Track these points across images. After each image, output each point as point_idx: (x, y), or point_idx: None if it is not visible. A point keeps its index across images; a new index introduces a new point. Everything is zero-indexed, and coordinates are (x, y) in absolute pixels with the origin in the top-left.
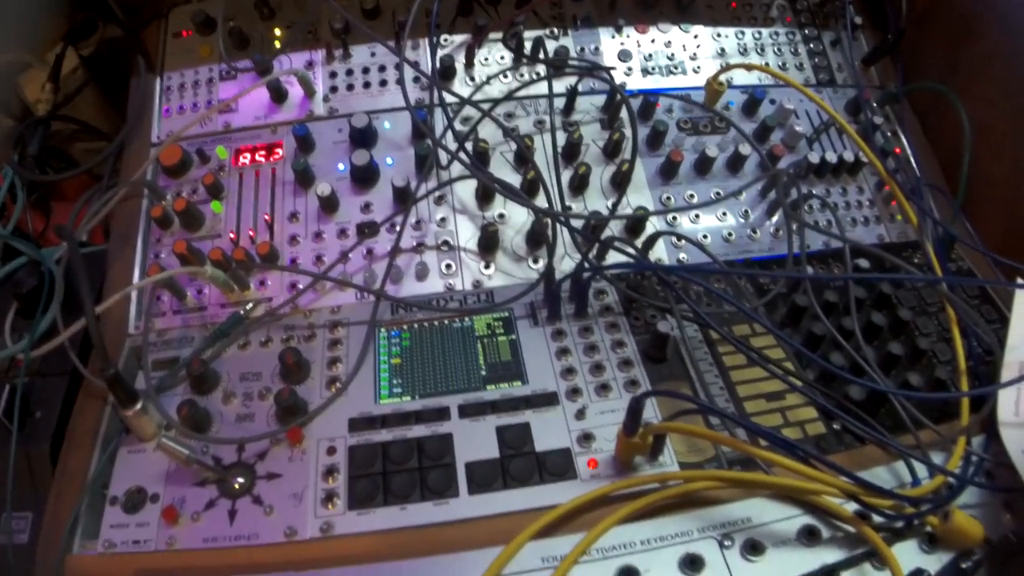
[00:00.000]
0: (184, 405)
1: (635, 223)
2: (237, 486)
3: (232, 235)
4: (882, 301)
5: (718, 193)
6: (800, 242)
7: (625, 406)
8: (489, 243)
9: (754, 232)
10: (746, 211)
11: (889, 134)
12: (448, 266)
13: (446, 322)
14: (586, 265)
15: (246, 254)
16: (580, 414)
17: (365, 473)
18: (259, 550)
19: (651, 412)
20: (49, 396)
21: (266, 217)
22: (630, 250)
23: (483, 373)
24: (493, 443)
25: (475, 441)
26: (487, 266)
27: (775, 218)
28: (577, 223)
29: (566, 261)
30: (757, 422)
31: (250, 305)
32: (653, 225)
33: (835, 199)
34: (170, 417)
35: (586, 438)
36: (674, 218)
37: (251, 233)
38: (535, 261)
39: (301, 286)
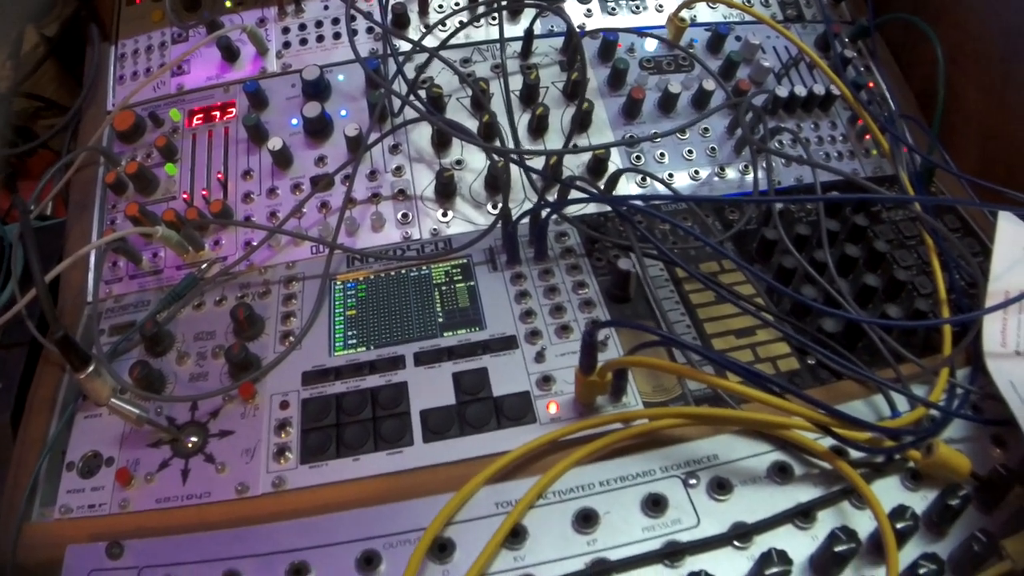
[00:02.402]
0: (136, 366)
1: (597, 164)
2: (190, 445)
3: (185, 196)
4: (856, 234)
5: (682, 132)
6: (767, 172)
7: None
8: (446, 189)
9: (722, 170)
10: (713, 148)
11: (862, 68)
12: (405, 215)
13: (403, 271)
14: (543, 203)
15: (199, 213)
16: (539, 356)
17: (317, 426)
18: (210, 508)
19: (614, 351)
20: (9, 367)
21: (219, 176)
22: (592, 190)
23: (440, 320)
24: (449, 390)
25: (431, 388)
26: (445, 214)
27: (744, 155)
28: (535, 166)
29: (527, 206)
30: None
31: (204, 265)
32: (616, 165)
33: (807, 135)
34: (122, 380)
35: (546, 380)
36: (638, 157)
37: (204, 193)
38: (494, 207)
39: (255, 243)
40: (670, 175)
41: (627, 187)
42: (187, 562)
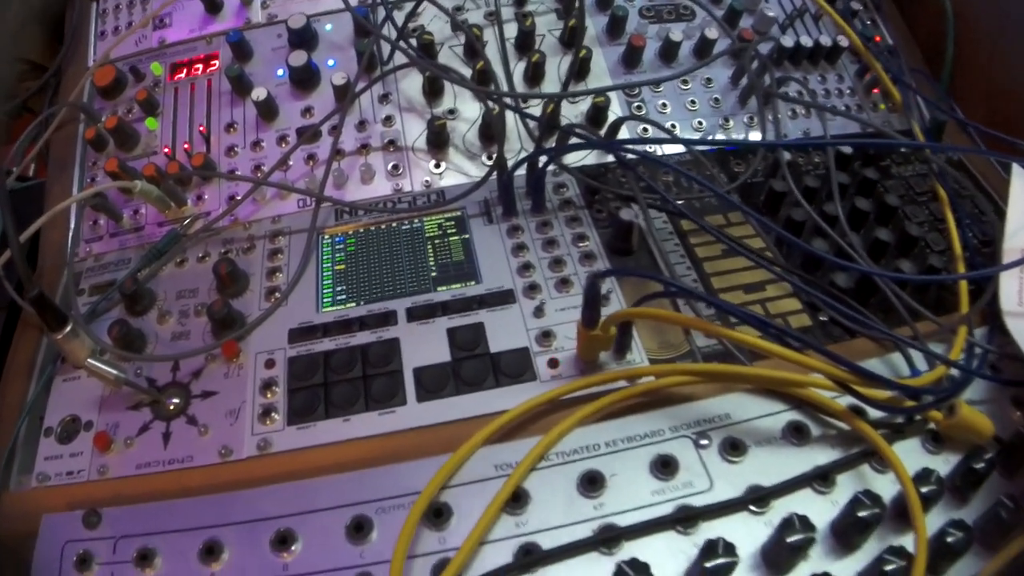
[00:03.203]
0: (115, 325)
1: (596, 113)
2: (172, 407)
3: (167, 150)
4: (866, 187)
5: (685, 81)
6: (774, 122)
7: None
8: (438, 139)
9: (726, 121)
10: (716, 99)
11: (868, 22)
12: (395, 167)
13: (394, 225)
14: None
15: (180, 167)
16: (538, 311)
17: (305, 385)
18: (193, 472)
19: (617, 306)
20: None
21: (201, 129)
22: (591, 137)
23: (434, 275)
24: (444, 346)
25: (424, 345)
26: (437, 165)
27: (749, 106)
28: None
29: (520, 153)
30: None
31: (187, 221)
32: (615, 115)
33: (813, 87)
34: (100, 340)
35: (545, 336)
36: (639, 107)
37: (186, 147)
38: (489, 157)
39: (239, 197)
40: (672, 126)
41: (627, 136)
42: (166, 531)
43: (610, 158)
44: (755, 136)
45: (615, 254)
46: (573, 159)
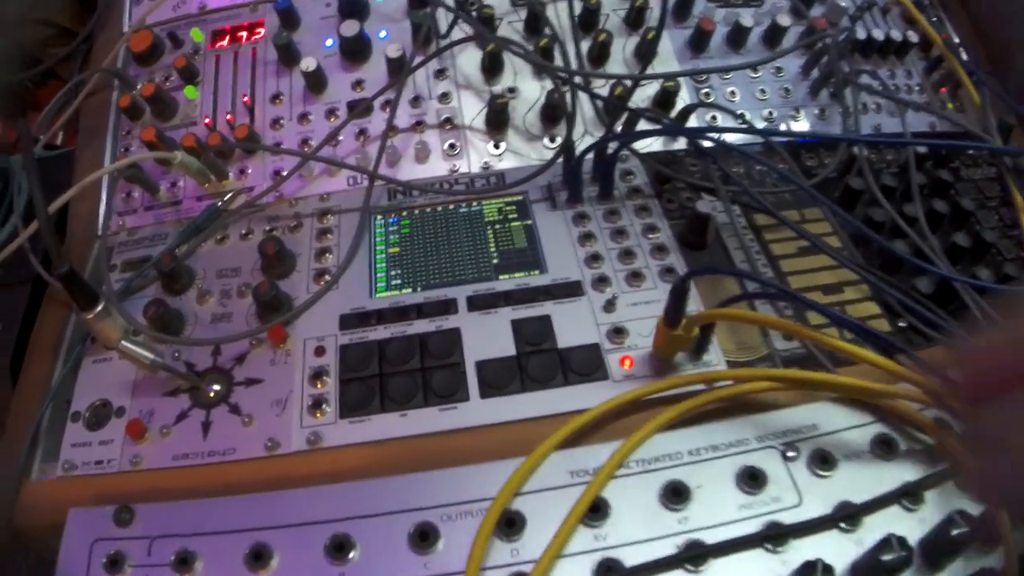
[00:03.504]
0: (151, 305)
1: (665, 98)
2: (212, 394)
3: (207, 121)
4: (940, 190)
5: (755, 69)
6: (853, 114)
7: (661, 297)
8: (498, 119)
9: (796, 112)
10: (787, 89)
11: (934, 19)
12: (452, 146)
13: (451, 207)
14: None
15: (222, 138)
16: (609, 306)
17: (359, 376)
18: (235, 467)
19: (691, 305)
20: (10, 308)
21: (245, 99)
22: (666, 122)
23: (495, 262)
24: (508, 338)
25: (487, 336)
26: (496, 146)
27: (820, 98)
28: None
29: (587, 140)
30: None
31: (228, 196)
32: (684, 102)
33: (882, 82)
34: (135, 320)
35: (617, 332)
36: (707, 94)
37: (229, 118)
38: (551, 140)
39: (285, 172)
40: (741, 115)
41: (703, 125)
42: (208, 532)
43: (677, 146)
44: (826, 127)
45: (688, 247)
46: (638, 146)
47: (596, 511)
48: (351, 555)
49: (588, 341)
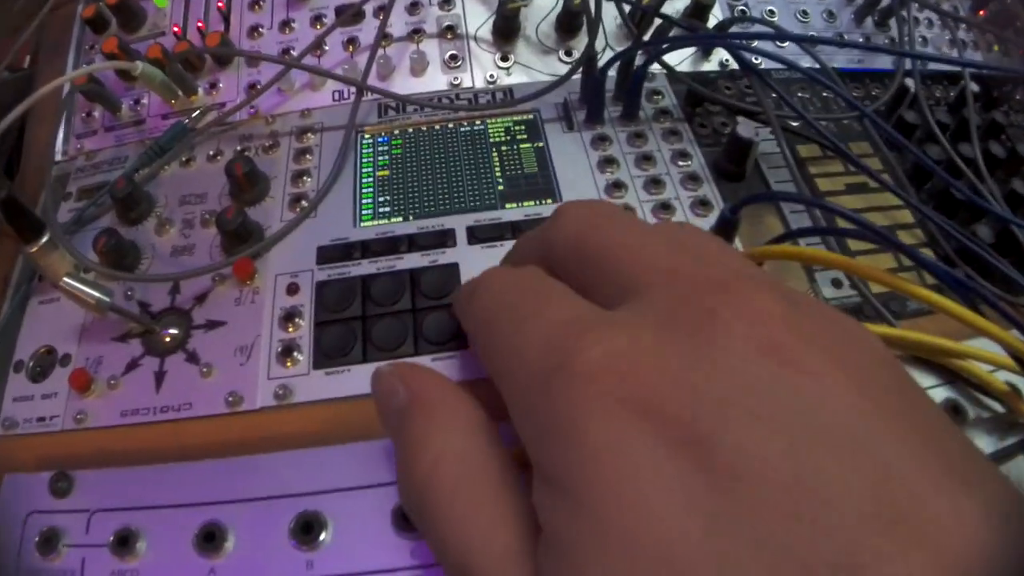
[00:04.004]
0: (102, 236)
1: (699, 10)
2: (168, 339)
3: (176, 29)
4: (994, 131)
5: None
6: (910, 40)
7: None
8: (509, 28)
9: (841, 39)
10: (831, 12)
11: None
12: (453, 57)
13: (450, 126)
14: (641, 43)
15: (190, 46)
16: None
17: (337, 318)
18: (191, 425)
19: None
20: None
21: (219, 4)
22: (705, 31)
23: (500, 189)
24: None
25: None
26: (504, 58)
27: (865, 25)
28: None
29: (608, 54)
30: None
31: (197, 112)
32: (716, 18)
33: (927, 15)
34: (81, 255)
35: None
36: (743, 11)
37: (200, 25)
38: (567, 53)
39: (262, 85)
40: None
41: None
42: (155, 506)
43: (707, 67)
44: (873, 58)
45: (723, 177)
46: (668, 62)
47: None
48: (322, 537)
49: None
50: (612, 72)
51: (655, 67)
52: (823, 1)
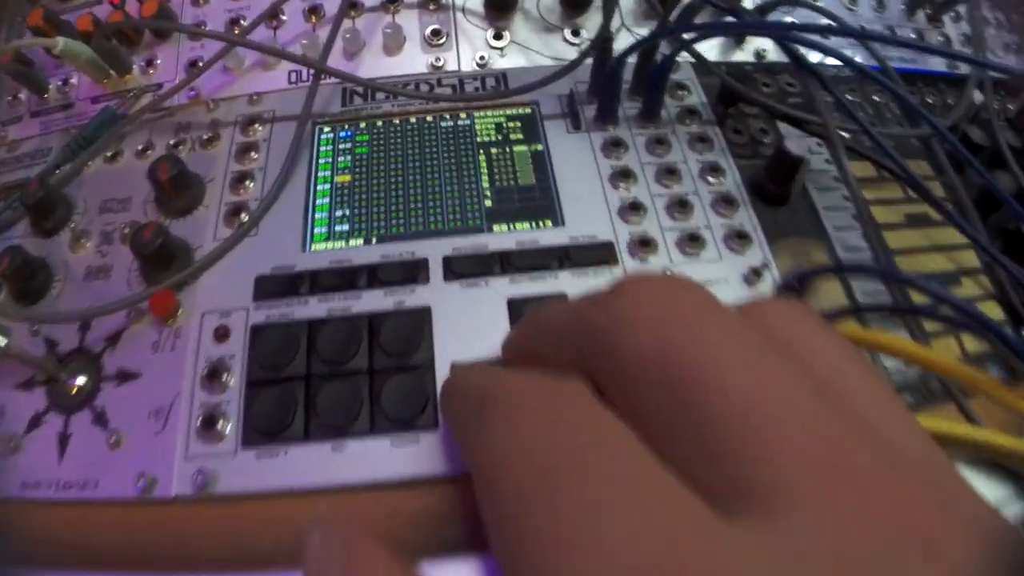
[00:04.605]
0: (5, 255)
1: None
2: (75, 390)
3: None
4: None
5: None
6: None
7: (727, 274)
8: (504, 0)
9: (891, 32)
10: (879, 1)
11: None
12: (436, 33)
13: (429, 119)
14: (669, 27)
15: (125, 17)
16: None
17: (276, 377)
18: (97, 511)
19: (766, 278)
20: None
21: None
22: (745, 16)
23: (488, 205)
24: (502, 326)
25: (470, 323)
26: (498, 36)
27: (917, 18)
28: None
29: (625, 39)
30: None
31: (131, 95)
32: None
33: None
34: None
35: None
36: None
37: None
38: (575, 33)
39: (204, 63)
40: (830, 24)
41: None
42: None
43: (741, 55)
44: (928, 58)
45: (762, 200)
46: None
47: None
48: None
49: None
50: (631, 59)
51: (681, 54)
52: None
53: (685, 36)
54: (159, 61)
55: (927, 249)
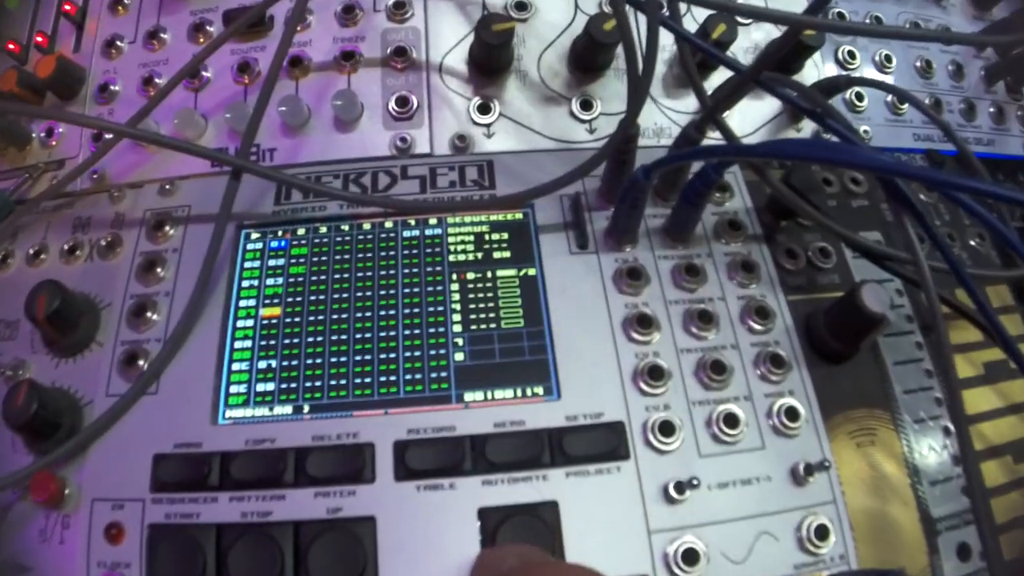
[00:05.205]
0: None
1: (793, 54)
2: None
3: (12, 46)
4: None
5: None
6: None
7: (773, 470)
8: (494, 58)
9: (969, 109)
10: (958, 66)
11: None
12: (403, 102)
13: (388, 224)
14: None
15: (20, 77)
16: (678, 490)
17: None
18: None
19: (812, 435)
20: None
21: (67, 7)
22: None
23: (459, 359)
24: (470, 549)
25: (428, 544)
26: (485, 107)
27: (997, 91)
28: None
29: (652, 115)
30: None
31: (26, 177)
32: (816, 66)
33: None
34: None
35: (687, 559)
36: (851, 54)
37: (39, 40)
38: (585, 106)
39: (108, 137)
40: (899, 98)
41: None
42: None
43: (793, 132)
44: (1007, 140)
45: (817, 354)
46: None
47: None
48: None
49: (629, 573)
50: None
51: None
52: (948, 49)
53: (733, 152)
54: (61, 129)
55: (1008, 410)
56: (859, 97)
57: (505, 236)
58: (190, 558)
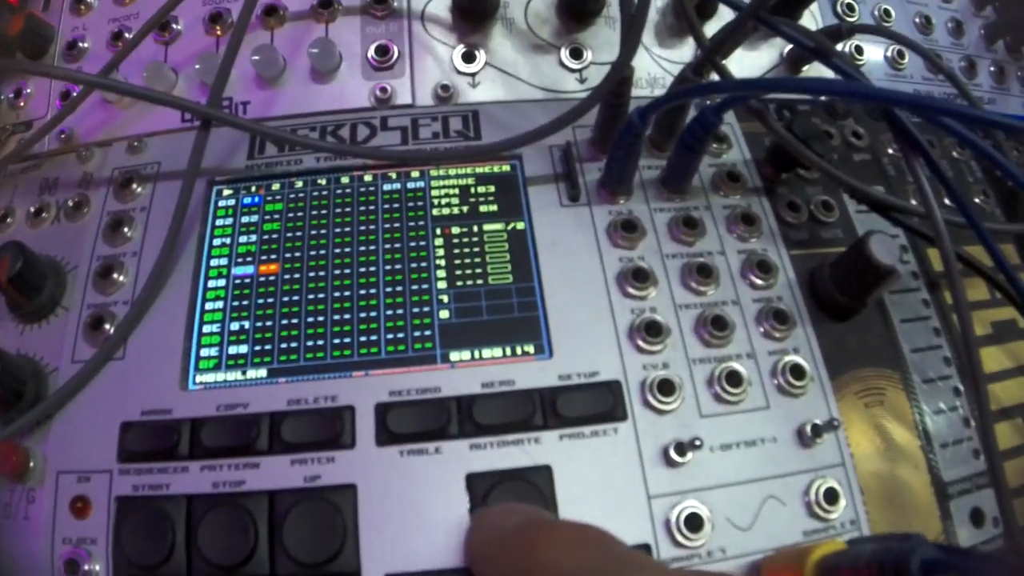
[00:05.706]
0: None
1: (791, 4)
2: None
3: None
4: None
5: None
6: None
7: (778, 430)
8: (478, 2)
9: (970, 66)
10: (957, 23)
11: None
12: (383, 51)
13: (367, 178)
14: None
15: None
16: (679, 451)
17: (146, 569)
18: None
19: (819, 392)
20: None
21: None
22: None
23: (444, 317)
24: (460, 513)
25: (412, 512)
26: (469, 55)
27: (997, 49)
28: None
29: (646, 64)
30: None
31: None
32: (815, 18)
33: None
34: None
35: (692, 524)
36: (849, 7)
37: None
38: (575, 55)
39: (76, 94)
40: (898, 52)
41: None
42: None
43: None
44: (1008, 100)
45: (823, 311)
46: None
47: None
48: None
49: (631, 541)
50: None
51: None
52: (947, 6)
53: (731, 92)
54: (29, 90)
55: (1015, 371)
56: (859, 51)
57: (492, 189)
58: (158, 532)
